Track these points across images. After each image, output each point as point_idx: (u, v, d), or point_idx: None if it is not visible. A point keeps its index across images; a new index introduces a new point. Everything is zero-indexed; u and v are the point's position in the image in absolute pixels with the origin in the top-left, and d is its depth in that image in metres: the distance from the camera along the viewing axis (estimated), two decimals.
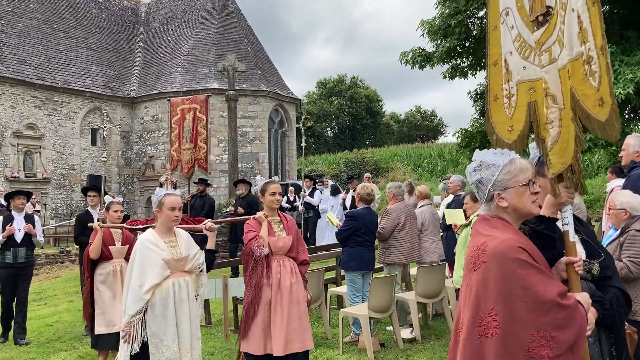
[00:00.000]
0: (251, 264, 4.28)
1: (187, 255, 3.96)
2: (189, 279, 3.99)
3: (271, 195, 4.50)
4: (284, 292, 4.27)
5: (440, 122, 60.18)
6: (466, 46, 12.53)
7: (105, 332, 5.46)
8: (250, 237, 4.33)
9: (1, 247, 7.25)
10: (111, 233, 5.70)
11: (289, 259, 4.43)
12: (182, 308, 3.86)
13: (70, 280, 12.33)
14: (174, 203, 3.94)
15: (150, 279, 3.79)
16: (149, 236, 3.93)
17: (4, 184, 20.15)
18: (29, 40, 22.94)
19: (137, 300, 3.76)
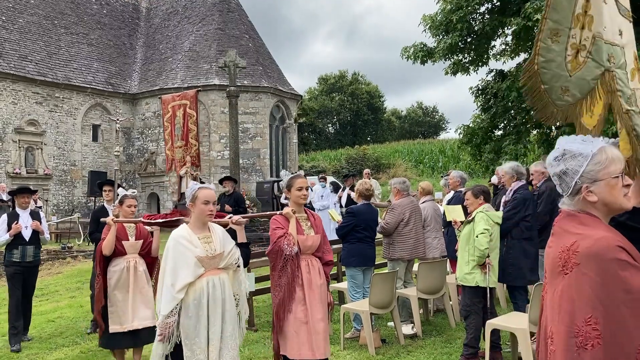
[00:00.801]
0: (280, 263, 4.03)
1: (222, 251, 3.78)
2: (225, 276, 3.80)
3: (298, 190, 4.23)
4: (315, 291, 4.09)
5: (441, 118, 60.21)
6: (468, 42, 12.49)
7: (119, 330, 5.27)
8: (279, 235, 4.08)
9: (8, 245, 6.97)
10: (124, 228, 5.48)
11: (316, 258, 4.23)
12: (215, 308, 3.68)
13: (72, 277, 12.35)
14: (209, 196, 3.77)
15: (183, 277, 3.63)
16: (183, 232, 3.77)
17: (5, 180, 20.17)
18: (30, 37, 22.92)
19: (170, 299, 3.61)
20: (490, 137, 13.35)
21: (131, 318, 5.27)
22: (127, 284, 5.33)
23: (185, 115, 9.04)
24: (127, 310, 5.28)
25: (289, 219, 4.16)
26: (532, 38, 12.45)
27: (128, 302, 5.29)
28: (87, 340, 7.01)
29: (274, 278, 4.11)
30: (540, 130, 13.44)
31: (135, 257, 5.46)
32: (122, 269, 5.35)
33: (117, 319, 5.28)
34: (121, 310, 5.29)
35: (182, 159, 9.08)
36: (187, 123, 9.08)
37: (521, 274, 5.71)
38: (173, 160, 9.33)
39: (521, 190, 5.93)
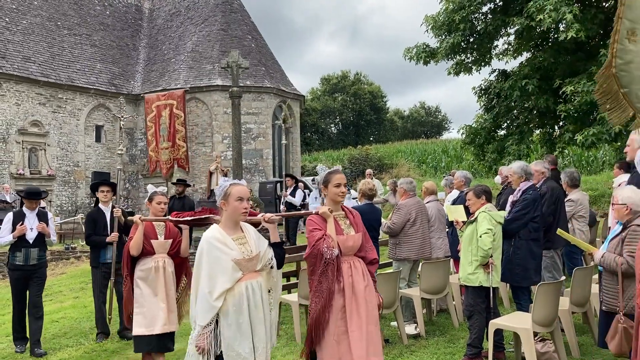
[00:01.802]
0: (320, 267, 3.70)
1: (258, 252, 3.54)
2: (262, 279, 3.58)
3: (336, 187, 3.89)
4: (358, 296, 3.75)
5: (444, 118, 60.19)
6: (470, 41, 12.48)
7: (145, 333, 4.99)
8: (317, 237, 3.73)
9: (11, 247, 6.65)
10: (153, 226, 5.23)
11: (359, 259, 3.90)
12: (257, 314, 3.46)
13: (75, 277, 12.38)
14: (242, 193, 3.53)
15: (221, 283, 3.37)
16: (215, 233, 3.48)
17: (9, 181, 20.23)
18: (33, 38, 22.98)
19: (208, 309, 3.35)
20: (493, 137, 13.33)
21: (159, 321, 5.02)
22: (156, 285, 5.09)
23: (172, 116, 8.69)
24: (154, 313, 5.03)
25: (327, 219, 3.83)
26: (534, 37, 12.45)
27: (157, 304, 5.05)
28: (90, 340, 7.03)
29: (313, 283, 3.79)
30: (543, 130, 13.42)
31: (164, 257, 5.22)
32: (150, 268, 5.11)
33: (143, 321, 5.03)
34: (148, 312, 5.04)
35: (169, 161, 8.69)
36: (174, 124, 8.74)
37: (527, 274, 5.70)
38: (158, 162, 8.91)
39: (530, 191, 5.90)
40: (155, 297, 5.05)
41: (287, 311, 7.18)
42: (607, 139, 10.09)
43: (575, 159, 24.96)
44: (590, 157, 24.55)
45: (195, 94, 23.34)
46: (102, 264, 6.92)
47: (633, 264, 4.04)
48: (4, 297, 10.91)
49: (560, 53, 11.36)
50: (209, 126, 23.29)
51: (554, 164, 9.16)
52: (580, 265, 7.58)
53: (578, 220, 7.42)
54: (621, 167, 7.92)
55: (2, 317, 9.25)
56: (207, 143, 23.30)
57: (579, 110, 10.68)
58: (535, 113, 12.46)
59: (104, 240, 6.79)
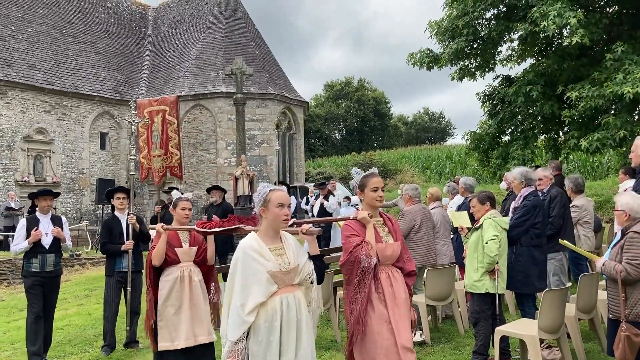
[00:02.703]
0: (357, 276, 3.47)
1: (296, 265, 3.27)
2: (300, 294, 3.29)
3: (373, 191, 3.66)
4: (402, 306, 3.51)
5: (448, 123, 60.12)
6: (474, 47, 12.48)
7: (169, 347, 4.71)
8: (354, 243, 3.50)
9: (26, 253, 6.37)
10: (177, 233, 4.95)
11: (397, 269, 3.67)
12: (289, 332, 3.18)
13: (80, 284, 12.39)
14: (283, 199, 3.29)
15: (254, 296, 3.12)
16: (252, 242, 3.23)
17: (14, 188, 20.31)
18: (39, 46, 23.12)
19: (240, 323, 3.10)
20: (498, 143, 13.30)
21: (184, 334, 4.74)
22: (181, 296, 4.78)
23: (165, 122, 8.20)
24: (179, 326, 4.75)
25: (366, 225, 3.60)
26: (538, 43, 12.45)
27: (181, 316, 4.75)
28: (95, 348, 7.02)
29: (348, 293, 3.54)
30: (547, 136, 13.38)
31: (190, 265, 4.92)
32: (176, 278, 4.81)
33: (167, 335, 4.73)
34: (172, 325, 4.75)
35: (162, 169, 8.33)
36: (167, 130, 8.24)
37: (529, 281, 5.65)
38: (150, 170, 8.52)
39: (531, 197, 5.88)
40: (180, 308, 4.77)
41: None
42: (612, 144, 10.06)
43: (580, 165, 24.88)
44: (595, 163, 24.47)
45: (199, 100, 23.42)
46: (116, 272, 6.78)
47: (632, 270, 4.02)
48: (8, 304, 10.94)
49: (564, 59, 11.35)
50: (213, 133, 23.35)
51: (558, 169, 9.14)
52: (586, 271, 7.54)
53: (583, 226, 7.39)
54: (627, 173, 7.89)
55: (7, 324, 9.26)
56: (212, 150, 23.35)
57: (584, 116, 10.66)
58: (540, 119, 12.44)
59: (119, 249, 6.68)
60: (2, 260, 13.52)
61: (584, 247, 7.21)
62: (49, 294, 6.47)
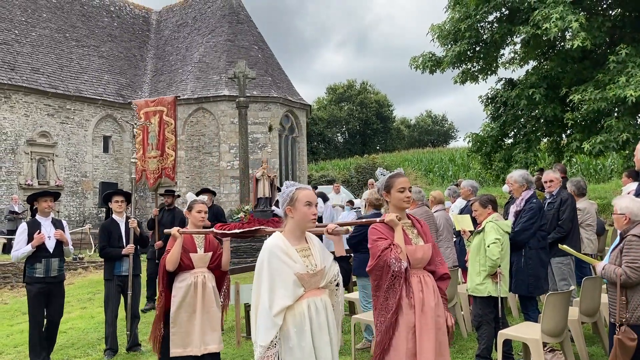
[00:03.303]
0: (386, 282, 3.30)
1: (323, 267, 3.12)
2: (327, 298, 3.15)
3: (399, 191, 3.48)
4: (428, 314, 3.33)
5: (451, 126, 60.12)
6: (476, 50, 12.50)
7: (181, 354, 4.61)
8: (382, 247, 3.33)
9: (28, 259, 6.12)
10: (192, 238, 4.80)
11: (429, 273, 3.49)
12: (322, 336, 3.02)
13: (83, 287, 12.40)
14: (310, 197, 3.12)
15: (280, 299, 2.96)
16: (279, 242, 3.08)
17: (17, 192, 20.35)
18: (42, 50, 23.20)
19: (270, 325, 2.93)
20: (501, 146, 13.30)
21: (197, 341, 4.64)
22: (194, 302, 4.67)
23: (162, 123, 8.00)
24: (192, 332, 4.64)
25: (394, 227, 3.42)
26: (541, 46, 12.45)
27: (194, 322, 4.65)
28: (98, 351, 7.03)
29: (378, 300, 3.36)
30: (550, 139, 13.38)
31: (204, 271, 4.80)
32: (189, 285, 4.69)
33: (180, 341, 4.63)
34: (185, 331, 4.65)
35: (157, 170, 8.13)
36: (164, 131, 7.99)
37: (539, 284, 5.67)
38: (144, 171, 8.32)
39: (534, 200, 5.88)
40: (193, 315, 4.66)
41: None
42: (615, 147, 10.06)
43: (583, 167, 24.85)
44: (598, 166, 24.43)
45: (202, 104, 23.47)
46: (116, 277, 6.67)
47: (631, 274, 4.01)
48: (11, 307, 10.95)
49: (567, 61, 11.35)
50: (216, 136, 23.39)
51: (563, 172, 9.13)
52: (589, 274, 7.52)
53: (585, 229, 7.38)
54: (630, 176, 7.88)
55: (11, 327, 9.27)
56: (214, 153, 23.39)
57: (586, 119, 10.65)
58: (543, 121, 12.44)
59: (119, 252, 6.58)
60: (6, 264, 13.55)
61: (586, 249, 7.20)
62: (54, 300, 6.27)
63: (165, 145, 7.92)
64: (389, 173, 3.61)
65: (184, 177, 23.48)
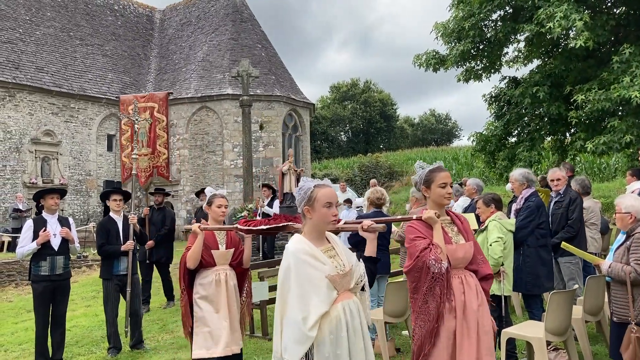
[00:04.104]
0: (426, 284, 3.09)
1: (350, 266, 2.91)
2: (357, 300, 2.93)
3: (441, 187, 3.27)
4: (470, 318, 3.12)
5: (454, 125, 60.01)
6: (480, 49, 12.46)
7: (205, 356, 4.46)
8: (421, 247, 3.13)
9: (34, 256, 6.10)
10: (214, 235, 4.63)
11: (471, 273, 3.27)
12: (357, 342, 2.81)
13: (87, 285, 12.44)
14: (331, 197, 2.90)
15: (316, 306, 2.70)
16: (302, 245, 2.84)
17: (22, 190, 20.42)
18: (46, 48, 23.25)
19: (302, 340, 2.67)
20: (504, 144, 13.27)
21: (220, 342, 4.47)
22: (217, 301, 4.51)
23: (153, 120, 7.83)
24: (215, 333, 4.48)
25: (433, 225, 3.22)
26: (545, 44, 12.41)
27: (217, 322, 4.50)
28: (102, 349, 7.05)
29: (416, 303, 3.16)
30: (554, 137, 13.35)
31: (226, 268, 4.64)
32: (211, 282, 4.53)
33: (203, 342, 4.49)
34: (208, 332, 4.49)
35: (148, 168, 7.89)
36: (155, 128, 7.67)
37: (539, 282, 5.66)
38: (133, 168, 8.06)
39: (533, 198, 5.88)
40: (217, 314, 4.50)
41: None
42: (618, 148, 10.02)
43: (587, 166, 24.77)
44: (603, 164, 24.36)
45: (205, 102, 23.49)
46: (115, 276, 6.62)
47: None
48: (16, 305, 11.00)
49: (571, 60, 11.32)
50: (220, 135, 23.40)
51: (571, 170, 9.11)
52: (593, 273, 7.51)
53: (590, 228, 7.37)
54: (634, 174, 7.87)
55: (15, 325, 9.31)
56: (218, 152, 23.41)
57: (591, 117, 10.62)
58: (547, 120, 12.41)
59: (118, 250, 6.54)
60: (10, 262, 13.60)
61: (590, 248, 7.19)
62: (60, 298, 6.26)
63: (156, 143, 7.68)
64: (428, 166, 3.41)
65: (187, 176, 23.51)
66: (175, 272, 5.60)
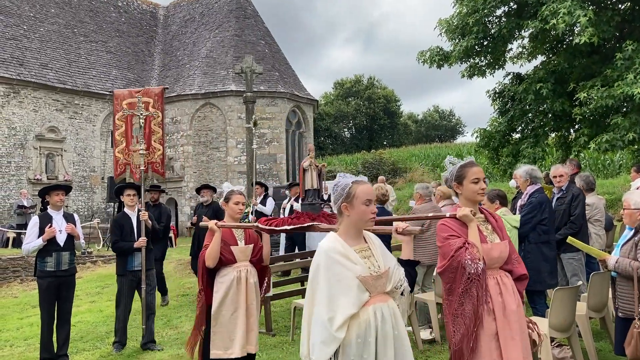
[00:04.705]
0: (461, 285, 2.94)
1: (387, 268, 2.78)
2: (394, 305, 2.80)
3: (473, 182, 3.13)
4: (511, 319, 2.99)
5: (458, 121, 59.87)
6: (484, 45, 12.43)
7: (223, 357, 4.30)
8: (456, 246, 2.98)
9: (39, 252, 6.12)
10: (231, 231, 4.50)
11: (506, 273, 3.13)
12: (386, 350, 2.68)
13: (92, 281, 12.49)
14: (370, 194, 2.80)
15: (345, 308, 2.62)
16: (335, 244, 2.75)
17: (26, 186, 20.49)
18: (51, 45, 23.30)
19: (329, 340, 2.60)
20: (508, 141, 13.25)
21: (239, 343, 4.33)
22: (237, 299, 4.36)
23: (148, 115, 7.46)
24: (234, 332, 4.33)
25: (468, 223, 3.07)
26: (549, 41, 12.37)
27: (237, 321, 4.34)
28: (107, 344, 7.09)
29: (451, 305, 3.01)
30: (558, 134, 13.31)
31: (247, 265, 4.49)
32: (232, 280, 4.37)
33: (222, 342, 4.32)
34: (227, 332, 4.33)
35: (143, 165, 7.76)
36: (150, 124, 7.51)
37: (540, 278, 5.66)
38: (127, 165, 7.86)
39: (536, 194, 5.88)
40: (236, 313, 4.36)
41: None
42: (622, 145, 9.99)
43: (591, 163, 24.71)
44: (607, 161, 24.29)
45: (209, 99, 23.51)
46: (129, 272, 6.61)
47: None
48: (21, 301, 11.05)
49: (575, 56, 11.28)
50: (223, 131, 23.43)
51: (577, 167, 9.09)
52: (597, 270, 7.50)
53: (594, 225, 7.36)
54: (638, 171, 7.84)
55: (21, 320, 9.36)
56: (222, 148, 23.44)
57: (594, 114, 10.59)
58: (551, 116, 12.38)
59: (132, 246, 6.53)
60: (15, 258, 13.66)
61: (594, 245, 7.17)
62: (65, 293, 6.26)
63: (151, 139, 7.52)
64: (459, 162, 3.27)
65: (191, 172, 23.55)
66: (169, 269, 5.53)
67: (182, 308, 9.06)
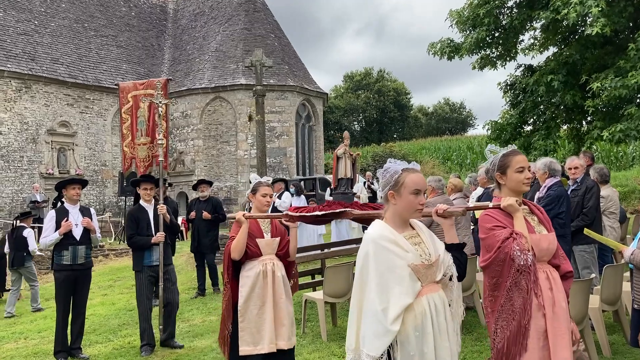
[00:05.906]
0: (510, 278, 2.76)
1: (437, 256, 2.64)
2: (443, 294, 2.67)
3: (518, 172, 2.93)
4: (561, 317, 2.80)
5: (469, 114, 59.57)
6: (495, 36, 12.32)
7: (251, 352, 4.17)
8: (503, 236, 2.78)
9: (56, 246, 6.14)
10: (258, 223, 4.37)
11: (554, 268, 2.94)
12: (442, 342, 2.57)
13: (104, 275, 12.59)
14: (420, 184, 2.65)
15: (398, 297, 2.47)
16: (384, 231, 2.61)
17: (39, 181, 20.67)
18: (62, 40, 23.42)
19: (382, 333, 2.44)
20: (519, 133, 13.15)
21: (268, 338, 4.19)
22: (264, 293, 4.24)
23: (152, 108, 7.35)
24: (263, 327, 4.21)
25: (513, 214, 2.87)
26: (560, 32, 12.24)
27: (264, 316, 4.22)
28: (119, 337, 7.14)
29: (497, 301, 2.83)
30: (570, 126, 13.20)
31: (273, 258, 4.35)
32: (258, 274, 4.26)
33: (250, 337, 4.20)
34: (255, 327, 4.21)
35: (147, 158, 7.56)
36: (154, 117, 7.35)
37: None
38: (133, 159, 7.74)
39: (555, 187, 5.82)
40: (263, 307, 4.23)
41: (313, 308, 7.20)
42: (636, 136, 9.88)
43: (604, 155, 24.53)
44: (620, 153, 24.10)
45: (219, 93, 23.55)
46: (147, 267, 6.26)
47: None
48: None
49: (587, 47, 11.15)
50: (233, 125, 23.47)
51: (591, 159, 9.02)
52: (610, 262, 7.45)
53: (608, 217, 7.29)
54: None
55: (34, 313, 9.47)
56: (232, 142, 23.48)
57: (607, 106, 10.48)
58: (562, 108, 12.26)
59: (149, 241, 6.22)
60: None
61: (609, 237, 7.12)
62: (81, 287, 6.26)
63: (155, 132, 7.41)
64: (501, 150, 3.07)
65: (202, 166, 23.63)
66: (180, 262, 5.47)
67: (194, 301, 9.11)
